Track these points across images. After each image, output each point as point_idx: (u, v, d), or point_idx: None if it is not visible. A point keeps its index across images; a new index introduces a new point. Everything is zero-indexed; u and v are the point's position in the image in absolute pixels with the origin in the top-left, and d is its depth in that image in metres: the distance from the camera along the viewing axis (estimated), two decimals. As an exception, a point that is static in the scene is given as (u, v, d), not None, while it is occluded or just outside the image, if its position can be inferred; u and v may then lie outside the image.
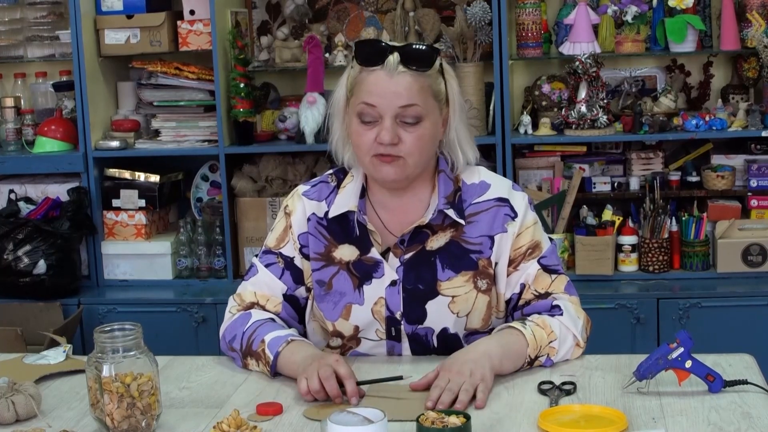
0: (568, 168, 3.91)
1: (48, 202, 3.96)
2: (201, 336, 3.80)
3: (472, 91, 3.82)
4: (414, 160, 2.14)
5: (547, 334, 2.12)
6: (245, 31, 4.06)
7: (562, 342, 2.14)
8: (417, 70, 2.11)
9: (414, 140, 2.12)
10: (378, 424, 1.64)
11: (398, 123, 2.11)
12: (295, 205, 2.28)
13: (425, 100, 2.12)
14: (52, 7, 4.15)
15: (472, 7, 3.80)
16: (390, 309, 2.21)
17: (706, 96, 4.04)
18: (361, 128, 2.14)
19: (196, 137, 4.00)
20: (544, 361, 2.13)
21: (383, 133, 2.10)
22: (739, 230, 3.74)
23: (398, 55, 2.11)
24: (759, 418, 1.84)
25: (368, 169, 2.18)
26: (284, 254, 2.27)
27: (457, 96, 2.21)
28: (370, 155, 2.14)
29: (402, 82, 2.10)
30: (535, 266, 2.21)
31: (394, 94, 2.10)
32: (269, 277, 2.27)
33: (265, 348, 2.14)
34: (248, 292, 2.29)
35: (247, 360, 2.19)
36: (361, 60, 2.14)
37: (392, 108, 2.10)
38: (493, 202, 2.22)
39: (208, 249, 3.99)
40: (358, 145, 2.16)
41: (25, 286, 3.83)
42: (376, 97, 2.11)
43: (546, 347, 2.12)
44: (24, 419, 1.95)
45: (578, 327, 2.17)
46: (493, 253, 2.20)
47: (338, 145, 2.26)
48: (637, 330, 3.61)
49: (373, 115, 2.12)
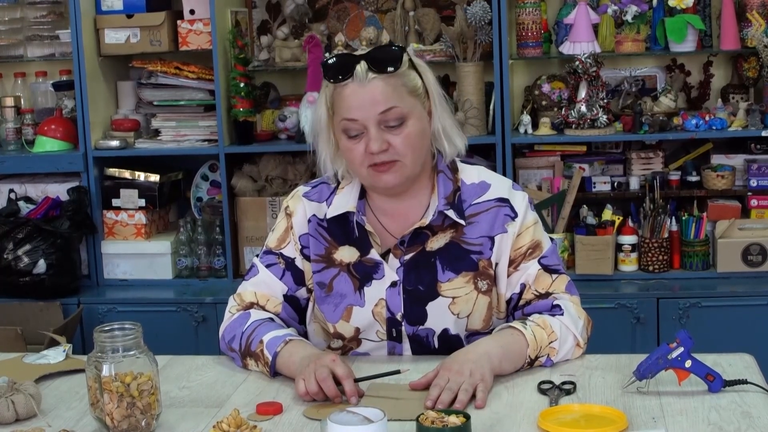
0: (568, 168, 3.91)
1: (48, 202, 3.96)
2: (201, 336, 3.80)
3: (472, 90, 3.82)
4: (410, 160, 2.14)
5: (548, 334, 2.12)
6: (245, 30, 4.06)
7: (562, 342, 2.14)
8: (386, 72, 2.11)
9: (403, 141, 2.12)
10: (378, 423, 1.64)
11: (383, 129, 2.11)
12: (296, 207, 2.28)
13: (403, 100, 2.12)
14: (52, 6, 4.15)
15: (472, 6, 3.80)
16: (391, 310, 2.21)
17: (706, 96, 4.04)
18: (349, 143, 2.14)
19: (196, 137, 4.00)
20: (545, 361, 2.13)
21: (371, 143, 2.10)
22: (739, 230, 3.74)
23: (364, 63, 2.10)
24: (759, 418, 1.84)
25: (367, 180, 2.18)
26: (285, 255, 2.27)
27: (435, 86, 2.20)
28: (365, 167, 2.14)
29: (375, 88, 2.10)
30: (536, 266, 2.21)
31: (370, 103, 2.10)
32: (270, 277, 2.27)
33: (264, 348, 2.14)
34: (248, 292, 2.29)
35: (247, 360, 2.19)
36: (330, 77, 2.14)
37: (372, 116, 2.10)
38: (494, 202, 2.21)
39: (208, 248, 3.99)
40: (351, 160, 2.16)
41: (25, 286, 3.83)
42: (355, 110, 2.11)
43: (546, 347, 2.12)
44: (24, 419, 1.95)
45: (579, 327, 2.17)
46: (493, 253, 2.20)
47: (326, 163, 2.24)
48: (637, 330, 3.61)
49: (357, 128, 2.12)
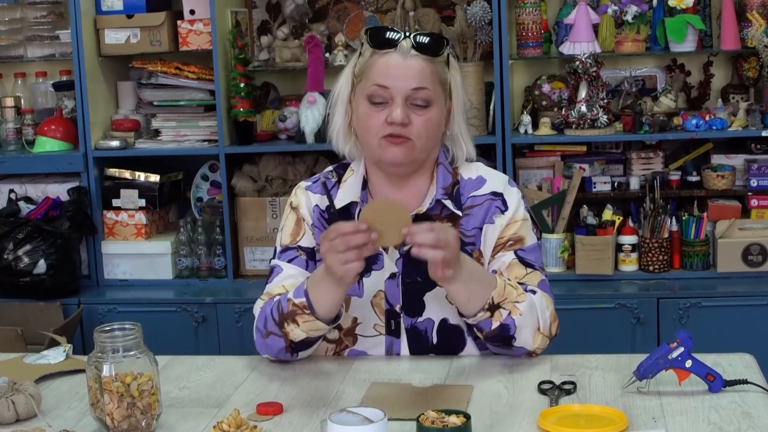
0: (568, 168, 3.91)
1: (48, 202, 3.96)
2: (201, 336, 3.80)
3: (472, 90, 3.82)
4: (421, 143, 2.17)
5: (517, 294, 2.12)
6: (245, 30, 4.06)
7: (527, 311, 2.12)
8: (429, 54, 2.16)
9: (423, 123, 2.16)
10: (378, 423, 1.64)
11: (408, 105, 2.15)
12: (300, 199, 2.29)
13: (434, 86, 2.17)
14: (52, 6, 4.15)
15: (472, 6, 3.80)
16: (390, 302, 2.22)
17: (706, 96, 4.04)
18: (371, 110, 2.17)
19: (196, 137, 4.00)
20: (505, 317, 2.10)
21: (395, 113, 2.13)
22: (739, 230, 3.74)
23: (411, 39, 2.16)
24: (759, 418, 1.84)
25: (376, 151, 2.19)
26: (303, 246, 2.26)
27: (461, 91, 2.25)
28: (380, 136, 2.16)
29: (414, 65, 2.15)
30: (511, 256, 2.22)
31: (406, 76, 2.14)
32: (295, 269, 2.24)
33: (293, 300, 2.10)
34: (277, 287, 2.23)
35: (286, 327, 2.12)
36: (375, 43, 2.18)
37: (404, 89, 2.14)
38: (488, 195, 2.25)
39: (208, 249, 3.99)
40: (367, 127, 2.18)
41: (25, 286, 3.83)
42: (389, 78, 2.15)
43: (510, 303, 2.11)
44: (24, 419, 1.95)
45: (545, 314, 2.16)
46: (482, 244, 2.23)
47: (339, 135, 2.27)
48: (637, 330, 3.61)
49: (384, 96, 2.15)
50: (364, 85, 2.18)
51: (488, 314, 2.11)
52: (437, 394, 2.01)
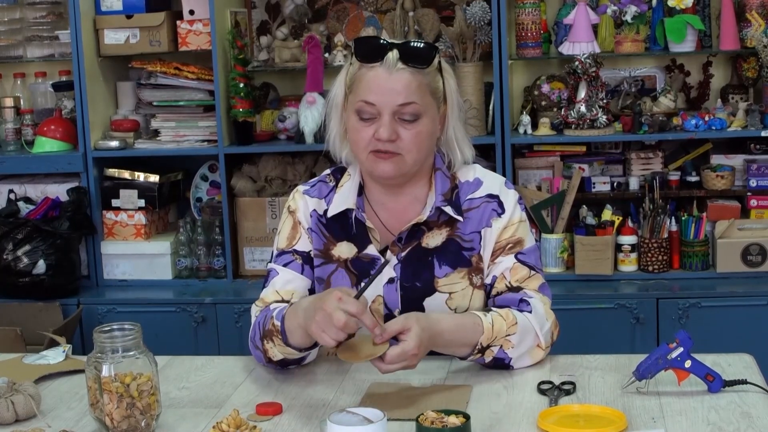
0: (568, 168, 3.91)
1: (47, 202, 3.96)
2: (200, 336, 3.80)
3: (472, 91, 3.83)
4: (412, 157, 2.15)
5: (507, 326, 2.11)
6: (245, 31, 4.06)
7: (521, 338, 2.12)
8: (416, 67, 2.12)
9: (412, 137, 2.13)
10: (378, 424, 1.64)
11: (396, 120, 2.12)
12: (298, 203, 2.28)
13: (423, 98, 2.13)
14: (51, 7, 4.15)
15: (471, 7, 3.80)
16: (388, 307, 2.21)
17: (706, 96, 4.04)
18: (359, 125, 2.15)
19: (195, 137, 4.00)
20: (497, 352, 2.11)
21: (381, 130, 2.11)
22: (739, 230, 3.74)
23: (397, 52, 2.12)
24: (758, 418, 1.84)
25: (365, 165, 2.18)
26: (299, 250, 2.26)
27: (455, 94, 2.22)
28: (368, 151, 2.15)
29: (401, 79, 2.11)
30: (512, 260, 2.21)
31: (392, 92, 2.11)
32: (291, 274, 2.24)
33: (274, 321, 2.09)
34: (270, 293, 2.23)
35: (265, 344, 2.13)
36: (360, 56, 2.15)
37: (391, 106, 2.11)
38: (484, 198, 2.23)
39: (208, 249, 3.99)
40: (356, 141, 2.17)
41: (24, 286, 3.83)
42: (375, 95, 2.11)
43: (502, 338, 2.10)
44: (23, 419, 1.95)
45: (544, 328, 2.16)
46: (481, 248, 2.22)
47: (335, 142, 2.26)
48: (637, 330, 3.61)
49: (371, 112, 2.13)
50: (353, 98, 2.16)
51: (479, 354, 2.11)
52: (436, 394, 2.01)
